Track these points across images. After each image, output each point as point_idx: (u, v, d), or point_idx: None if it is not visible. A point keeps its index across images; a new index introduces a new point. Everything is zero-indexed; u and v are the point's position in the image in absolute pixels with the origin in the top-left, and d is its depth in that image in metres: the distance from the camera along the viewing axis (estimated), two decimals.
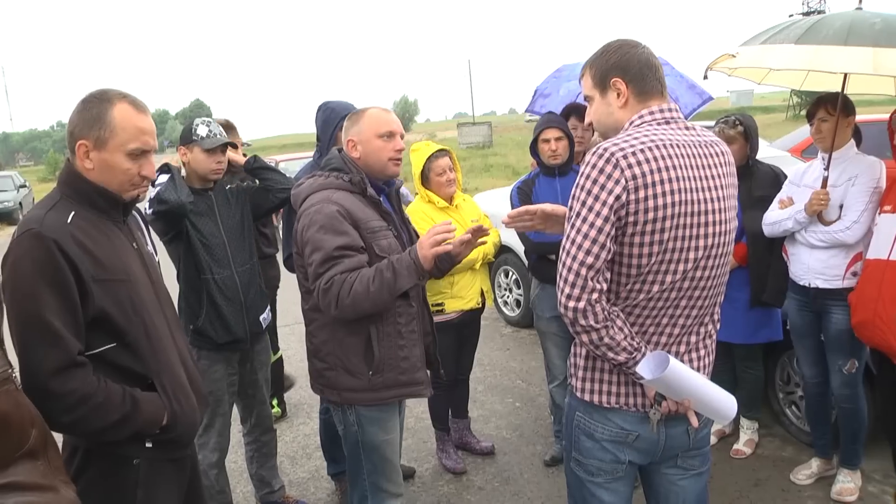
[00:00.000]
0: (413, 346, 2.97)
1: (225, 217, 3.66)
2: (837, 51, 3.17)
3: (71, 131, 2.13)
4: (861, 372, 3.78)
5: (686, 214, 2.00)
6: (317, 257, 2.76)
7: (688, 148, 2.06)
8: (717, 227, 2.08)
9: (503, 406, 5.59)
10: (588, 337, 2.07)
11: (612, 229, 1.98)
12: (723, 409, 2.15)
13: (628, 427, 2.21)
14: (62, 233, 1.99)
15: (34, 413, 1.65)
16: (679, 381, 2.04)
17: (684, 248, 2.03)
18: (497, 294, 7.85)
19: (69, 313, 1.95)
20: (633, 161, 1.96)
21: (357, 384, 2.89)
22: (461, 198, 4.43)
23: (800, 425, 4.57)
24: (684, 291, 2.10)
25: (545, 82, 5.49)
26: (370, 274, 2.72)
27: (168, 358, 2.23)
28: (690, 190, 2.01)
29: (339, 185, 2.91)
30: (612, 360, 2.10)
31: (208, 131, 3.57)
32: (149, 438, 2.14)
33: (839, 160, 3.73)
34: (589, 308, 2.01)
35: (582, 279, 2.00)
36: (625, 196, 1.95)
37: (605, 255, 1.99)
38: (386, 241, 2.89)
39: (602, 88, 2.19)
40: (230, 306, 3.59)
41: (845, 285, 3.64)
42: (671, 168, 1.99)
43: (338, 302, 2.70)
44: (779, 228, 3.87)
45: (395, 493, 3.07)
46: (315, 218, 2.80)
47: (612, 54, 2.17)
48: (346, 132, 3.03)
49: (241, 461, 4.48)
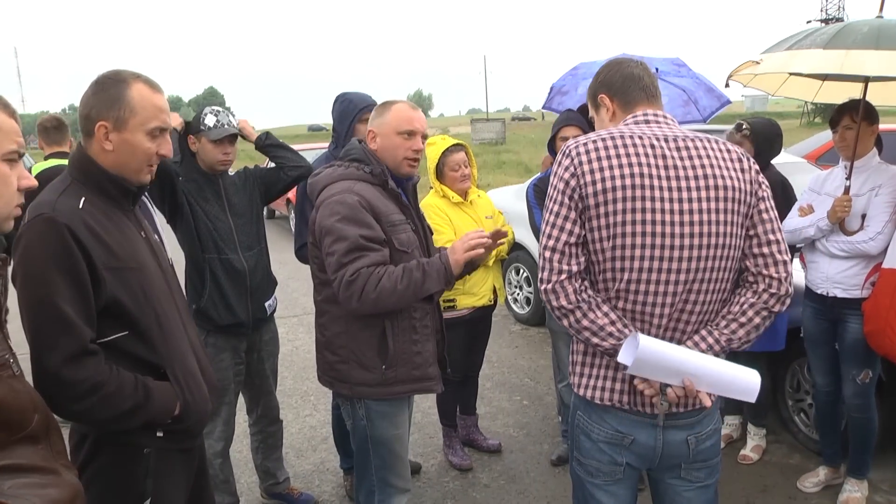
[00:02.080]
0: (426, 340, 2.96)
1: (233, 201, 3.64)
2: (869, 54, 3.16)
3: (87, 113, 2.10)
4: (874, 382, 3.76)
5: (643, 199, 2.05)
6: (340, 247, 2.71)
7: (654, 139, 2.12)
8: (693, 216, 2.06)
9: (511, 404, 5.58)
10: (567, 321, 2.16)
11: (570, 213, 2.11)
12: (738, 384, 2.09)
13: (623, 430, 2.22)
14: (74, 218, 1.97)
15: (36, 398, 1.64)
16: (662, 358, 2.02)
17: (647, 232, 2.05)
18: (507, 291, 7.83)
19: (81, 300, 1.93)
20: (583, 150, 2.12)
21: (370, 378, 2.86)
22: (476, 193, 4.42)
23: (808, 433, 4.55)
24: (661, 284, 2.09)
25: (562, 79, 5.46)
26: (399, 272, 2.69)
27: (180, 347, 2.22)
28: (646, 175, 2.06)
29: (360, 176, 2.87)
30: (598, 346, 2.14)
31: (216, 121, 3.54)
32: (160, 428, 2.13)
33: (861, 169, 3.69)
34: (559, 288, 2.12)
35: (549, 262, 2.14)
36: (574, 181, 2.10)
37: (566, 237, 2.11)
38: (405, 234, 2.87)
39: (596, 107, 2.41)
40: (234, 288, 3.57)
41: (864, 295, 3.60)
42: (622, 156, 2.08)
43: (361, 295, 2.67)
44: (799, 236, 3.84)
45: (403, 488, 3.06)
46: (336, 208, 2.75)
47: (601, 74, 2.38)
48: (371, 121, 3.00)
49: (246, 451, 4.47)
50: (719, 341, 2.16)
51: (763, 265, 2.16)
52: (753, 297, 2.17)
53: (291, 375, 6.23)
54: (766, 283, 2.16)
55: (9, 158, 1.64)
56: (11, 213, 1.68)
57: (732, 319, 2.17)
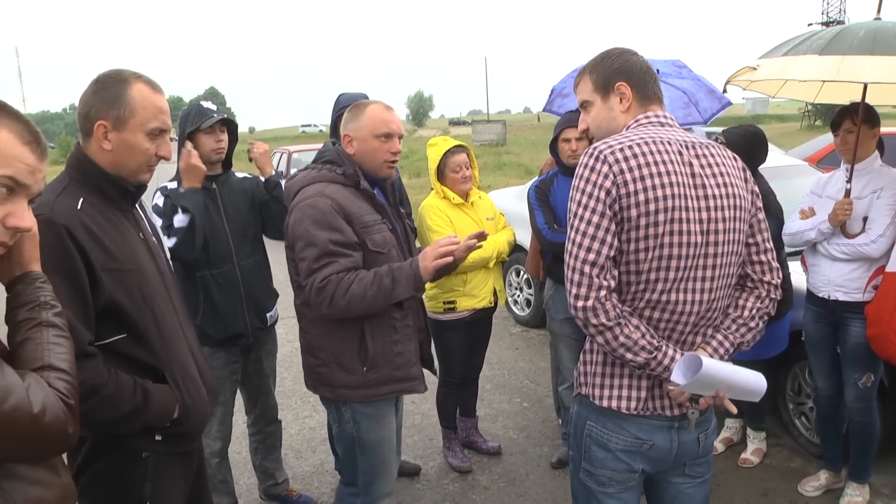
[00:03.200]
0: (407, 340, 2.94)
1: (230, 210, 3.58)
2: (865, 60, 3.14)
3: (86, 112, 2.07)
4: (875, 386, 3.75)
5: (680, 209, 2.01)
6: (311, 253, 2.71)
7: (680, 146, 2.09)
8: (716, 225, 2.07)
9: (511, 406, 5.57)
10: (603, 337, 2.07)
11: (609, 224, 2.01)
12: (754, 388, 2.15)
13: (643, 436, 2.19)
14: (73, 219, 1.95)
15: None
16: (715, 376, 2.04)
17: (682, 242, 2.03)
18: (508, 293, 7.81)
19: (79, 302, 1.91)
20: (621, 157, 2.01)
21: (351, 380, 2.85)
22: (477, 195, 4.40)
23: (809, 436, 4.54)
24: (689, 293, 2.09)
25: (563, 82, 5.44)
26: (369, 278, 2.69)
27: (178, 349, 2.20)
28: (681, 185, 2.02)
29: (333, 178, 2.86)
30: (631, 361, 2.08)
31: (204, 109, 3.49)
32: (159, 431, 2.11)
33: (863, 172, 3.69)
34: (599, 306, 2.02)
35: (587, 277, 2.02)
36: (615, 191, 1.99)
37: (607, 250, 2.01)
38: (380, 234, 2.85)
39: (605, 93, 2.23)
40: (228, 302, 3.53)
41: (866, 299, 3.60)
42: (660, 163, 2.02)
43: (332, 301, 2.67)
44: (801, 239, 3.83)
45: (388, 491, 3.05)
46: (308, 212, 2.75)
47: (615, 59, 2.22)
48: (344, 125, 2.95)
49: (245, 452, 4.45)
50: (734, 344, 2.21)
51: (761, 272, 2.24)
52: (758, 301, 2.24)
53: (291, 377, 6.20)
54: (767, 290, 2.24)
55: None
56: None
57: (742, 324, 2.22)
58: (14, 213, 1.49)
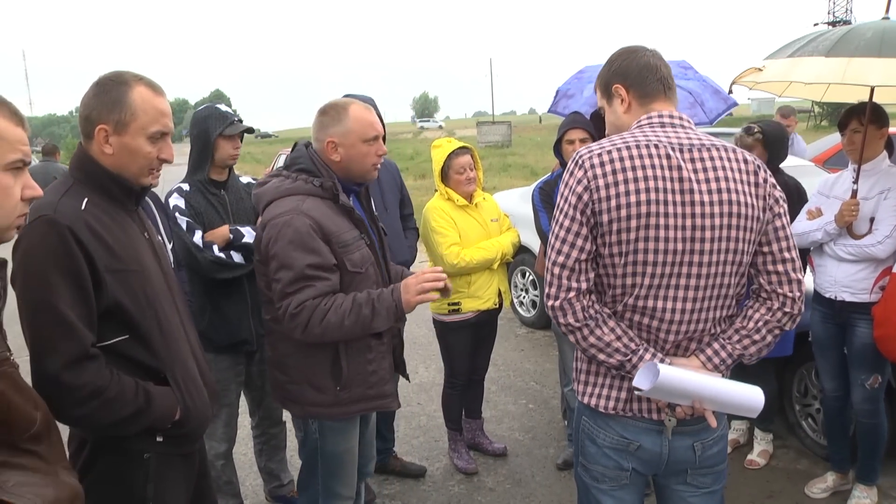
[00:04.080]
0: (382, 358, 2.86)
1: (237, 214, 3.57)
2: (871, 62, 3.11)
3: (87, 115, 2.06)
4: (883, 387, 3.73)
5: (657, 215, 1.99)
6: (286, 276, 2.59)
7: (671, 149, 2.05)
8: (703, 233, 2.02)
9: (516, 407, 5.56)
10: (573, 337, 2.13)
11: (581, 228, 2.05)
12: (744, 403, 2.09)
13: (629, 436, 2.20)
14: (77, 220, 1.94)
15: (37, 397, 1.62)
16: (679, 385, 2.01)
17: (658, 249, 2.02)
18: (513, 294, 7.79)
19: (82, 304, 1.91)
20: (597, 162, 2.04)
21: (323, 399, 2.77)
22: (481, 196, 4.39)
23: (815, 438, 4.51)
24: (670, 300, 2.08)
25: (567, 83, 5.43)
26: (347, 306, 2.59)
27: (180, 351, 2.20)
28: (661, 190, 2.00)
29: (310, 190, 2.70)
30: (604, 363, 2.12)
31: (224, 113, 3.50)
32: (160, 433, 2.11)
33: (870, 172, 3.67)
34: (567, 306, 2.08)
35: (557, 279, 2.09)
36: (587, 196, 2.03)
37: (577, 254, 2.06)
38: (358, 253, 2.74)
39: (608, 97, 2.28)
40: (234, 308, 3.52)
41: (872, 299, 3.57)
42: (637, 168, 2.01)
43: (306, 328, 2.58)
44: (807, 239, 3.81)
45: (348, 496, 2.99)
46: (284, 231, 2.60)
47: (615, 62, 2.25)
48: (323, 129, 2.77)
49: (250, 454, 4.45)
50: (732, 355, 2.15)
51: (777, 283, 2.13)
52: (768, 314, 2.14)
53: None
54: (781, 302, 2.13)
55: (13, 167, 1.60)
56: (13, 224, 1.64)
57: (746, 335, 2.15)
58: (27, 185, 1.64)
